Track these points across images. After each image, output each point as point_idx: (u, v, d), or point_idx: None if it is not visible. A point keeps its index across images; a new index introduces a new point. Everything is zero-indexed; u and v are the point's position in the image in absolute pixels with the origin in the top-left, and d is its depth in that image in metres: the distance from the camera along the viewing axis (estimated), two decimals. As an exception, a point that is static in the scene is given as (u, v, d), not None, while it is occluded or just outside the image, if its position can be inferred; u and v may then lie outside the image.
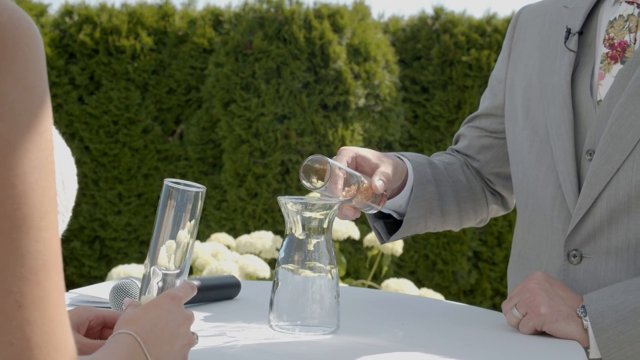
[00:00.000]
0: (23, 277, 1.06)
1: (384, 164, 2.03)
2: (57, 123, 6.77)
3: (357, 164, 2.01)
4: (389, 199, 2.09)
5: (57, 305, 1.10)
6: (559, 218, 2.06)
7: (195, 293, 1.56)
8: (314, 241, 1.84)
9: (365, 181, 1.95)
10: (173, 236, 1.58)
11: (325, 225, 1.84)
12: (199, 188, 1.56)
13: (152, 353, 1.39)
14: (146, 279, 1.56)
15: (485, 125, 2.33)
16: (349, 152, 1.99)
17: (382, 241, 2.24)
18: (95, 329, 1.62)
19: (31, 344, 1.07)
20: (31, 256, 1.07)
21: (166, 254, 1.57)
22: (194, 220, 1.57)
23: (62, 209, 1.28)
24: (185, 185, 1.56)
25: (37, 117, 1.09)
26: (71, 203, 1.29)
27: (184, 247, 1.58)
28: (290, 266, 1.87)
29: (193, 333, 1.53)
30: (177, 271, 1.57)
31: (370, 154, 2.03)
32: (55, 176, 1.22)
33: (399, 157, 2.15)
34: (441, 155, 2.35)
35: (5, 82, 1.07)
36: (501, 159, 2.32)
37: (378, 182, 1.95)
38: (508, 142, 2.24)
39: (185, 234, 1.58)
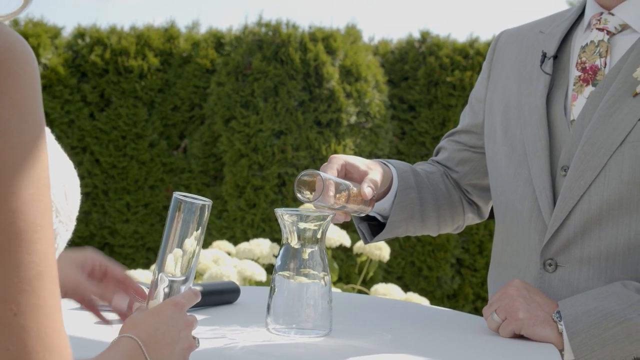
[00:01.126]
0: (18, 287, 1.06)
1: (372, 171, 2.03)
2: (70, 137, 6.77)
3: (347, 171, 2.01)
4: None
5: (53, 312, 1.09)
6: (536, 229, 2.06)
7: (198, 300, 1.55)
8: (308, 250, 1.84)
9: (355, 188, 1.96)
10: (180, 245, 1.57)
11: (318, 236, 1.85)
12: (206, 201, 1.56)
13: (153, 356, 1.39)
14: (154, 285, 1.56)
15: (464, 140, 2.34)
16: (339, 160, 2.00)
17: (366, 241, 2.24)
18: (96, 275, 1.62)
19: (27, 349, 1.07)
20: (25, 267, 1.06)
21: (173, 262, 1.56)
22: (200, 230, 1.57)
23: (65, 219, 1.28)
24: (193, 198, 1.56)
25: (31, 136, 1.08)
26: (74, 213, 1.28)
27: (190, 256, 1.57)
28: (286, 273, 1.87)
29: (194, 337, 1.52)
30: (183, 278, 1.56)
31: (358, 161, 2.03)
32: (59, 189, 1.22)
33: (384, 164, 2.15)
34: (423, 164, 2.36)
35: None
36: (478, 171, 2.32)
37: (367, 189, 1.96)
38: (487, 157, 2.24)
39: (191, 243, 1.57)
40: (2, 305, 1.06)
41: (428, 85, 6.86)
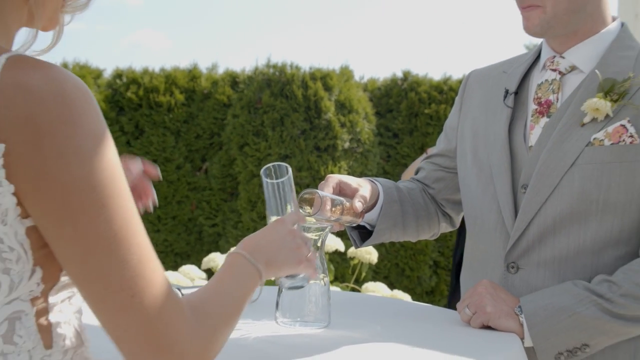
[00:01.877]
0: (128, 277, 1.11)
1: (362, 188, 2.03)
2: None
3: (341, 188, 2.02)
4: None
5: (161, 284, 1.15)
6: (500, 238, 2.05)
7: (299, 219, 1.59)
8: (310, 256, 1.84)
9: (347, 203, 1.97)
10: (287, 200, 1.65)
11: (319, 244, 1.84)
12: (282, 164, 1.66)
13: (260, 259, 1.40)
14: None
15: (439, 162, 2.33)
16: (334, 179, 2.01)
17: (357, 246, 2.24)
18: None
19: (148, 319, 1.13)
20: (129, 258, 1.11)
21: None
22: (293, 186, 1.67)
23: None
24: (275, 165, 1.66)
25: (108, 155, 1.12)
26: None
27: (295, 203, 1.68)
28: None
29: (305, 240, 1.57)
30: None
31: (350, 180, 2.04)
32: None
33: (372, 181, 2.16)
34: (405, 182, 2.35)
35: (81, 136, 1.09)
36: (451, 188, 2.32)
37: (358, 204, 1.97)
38: (459, 177, 2.24)
39: (294, 196, 1.67)
40: (120, 292, 1.11)
41: (409, 116, 6.85)
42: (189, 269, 3.54)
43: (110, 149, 1.12)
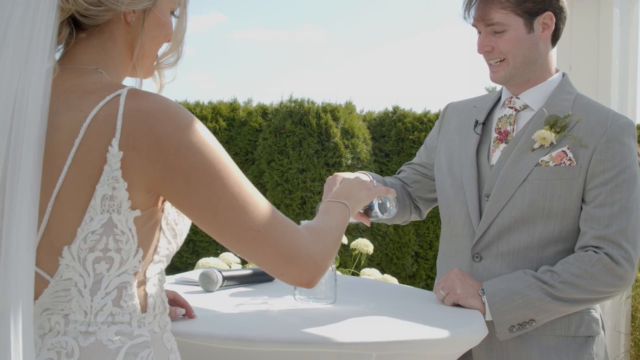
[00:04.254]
0: (250, 219, 1.20)
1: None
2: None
3: None
4: None
5: (276, 216, 1.23)
6: (468, 234, 2.04)
7: (383, 191, 1.70)
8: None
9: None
10: None
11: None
12: None
13: (342, 198, 1.51)
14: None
15: (419, 170, 2.31)
16: (338, 178, 1.95)
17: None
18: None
19: (273, 238, 1.21)
20: (246, 207, 1.20)
21: None
22: None
23: (174, 248, 1.28)
24: None
25: (210, 141, 1.18)
26: (180, 245, 1.30)
27: None
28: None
29: (374, 185, 1.70)
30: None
31: (352, 176, 1.97)
32: (171, 227, 1.24)
33: (367, 175, 2.13)
34: (391, 178, 2.32)
35: (187, 134, 1.15)
36: (425, 189, 2.29)
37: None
38: (437, 184, 2.21)
39: None
40: (248, 231, 1.19)
41: (397, 141, 6.84)
42: (227, 255, 3.54)
43: (210, 137, 1.18)
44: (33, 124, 1.09)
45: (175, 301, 1.59)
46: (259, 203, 1.22)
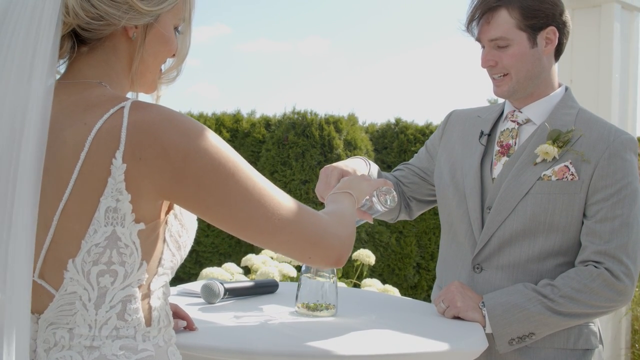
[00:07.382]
0: (268, 211, 1.19)
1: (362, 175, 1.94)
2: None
3: (342, 176, 1.90)
4: None
5: (294, 205, 1.22)
6: (469, 245, 2.04)
7: (386, 184, 1.71)
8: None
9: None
10: None
11: None
12: None
13: (347, 189, 1.52)
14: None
15: (416, 171, 2.28)
16: (337, 171, 1.90)
17: None
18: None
19: (295, 225, 1.21)
20: (263, 200, 1.19)
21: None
22: None
23: (178, 261, 1.27)
24: None
25: (217, 142, 1.18)
26: (184, 257, 1.29)
27: None
28: (308, 274, 1.86)
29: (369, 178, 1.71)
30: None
31: (349, 168, 1.95)
32: (174, 240, 1.23)
33: (364, 161, 2.10)
34: (388, 175, 2.30)
35: (193, 140, 1.15)
36: (420, 191, 2.27)
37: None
38: (438, 192, 2.19)
39: None
40: (269, 222, 1.19)
41: (399, 153, 6.85)
42: (229, 265, 3.54)
43: (216, 139, 1.18)
44: (32, 139, 1.08)
45: (176, 314, 1.58)
46: (275, 194, 1.21)
